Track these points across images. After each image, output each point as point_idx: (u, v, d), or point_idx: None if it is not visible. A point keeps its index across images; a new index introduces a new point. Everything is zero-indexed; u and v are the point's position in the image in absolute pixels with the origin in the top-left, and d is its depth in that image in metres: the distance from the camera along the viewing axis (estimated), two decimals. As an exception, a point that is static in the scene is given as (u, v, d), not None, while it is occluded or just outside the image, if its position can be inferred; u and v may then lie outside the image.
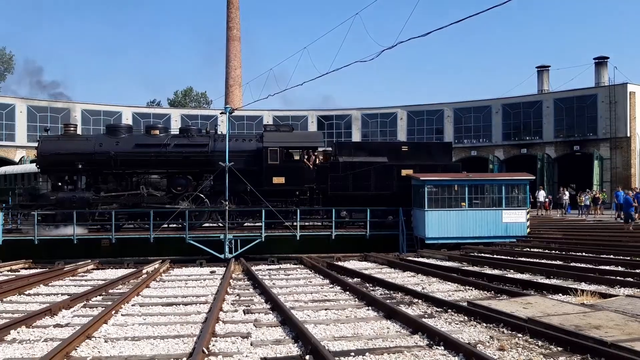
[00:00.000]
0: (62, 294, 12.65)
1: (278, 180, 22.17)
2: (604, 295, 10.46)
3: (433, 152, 23.91)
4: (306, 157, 22.80)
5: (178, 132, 23.48)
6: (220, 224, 22.21)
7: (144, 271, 16.41)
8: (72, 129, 23.69)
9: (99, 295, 12.36)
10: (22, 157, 44.07)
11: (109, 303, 10.95)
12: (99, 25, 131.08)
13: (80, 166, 22.03)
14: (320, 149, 24.08)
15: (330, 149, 25.59)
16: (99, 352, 7.69)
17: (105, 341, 8.20)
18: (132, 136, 23.45)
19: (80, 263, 18.33)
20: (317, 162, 23.16)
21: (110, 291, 13.01)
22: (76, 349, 7.71)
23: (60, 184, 22.48)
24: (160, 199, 22.35)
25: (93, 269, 17.87)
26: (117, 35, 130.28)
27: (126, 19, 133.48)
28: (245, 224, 23.11)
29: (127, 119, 48.54)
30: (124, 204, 22.20)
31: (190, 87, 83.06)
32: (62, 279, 15.35)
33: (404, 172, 22.07)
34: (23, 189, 24.85)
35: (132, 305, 11.12)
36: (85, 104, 47.58)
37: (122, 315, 10.15)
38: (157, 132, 23.20)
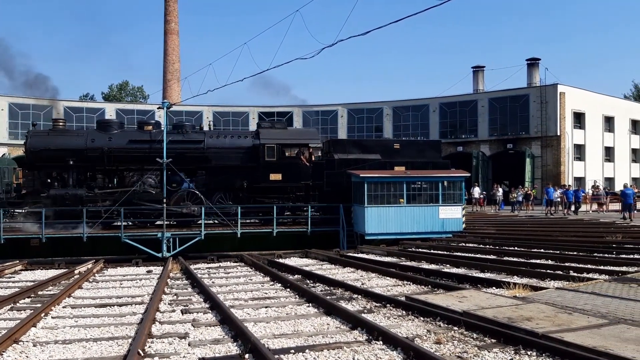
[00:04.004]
0: (-13, 297, 12.02)
1: (275, 176, 22.33)
2: (535, 288, 10.86)
3: (423, 149, 24.68)
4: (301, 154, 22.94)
5: (172, 128, 22.90)
6: (216, 221, 22.00)
7: (76, 272, 15.80)
8: (61, 123, 22.68)
9: (27, 297, 11.84)
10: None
11: (38, 305, 10.49)
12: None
13: (71, 162, 21.17)
14: (312, 146, 24.17)
15: (320, 145, 25.87)
16: (27, 356, 7.34)
17: (34, 345, 7.84)
18: (125, 132, 22.85)
19: (7, 264, 17.41)
20: (312, 158, 23.31)
21: (40, 293, 12.48)
22: (2, 354, 7.33)
23: (49, 180, 21.52)
24: (155, 195, 21.70)
25: (21, 270, 17.08)
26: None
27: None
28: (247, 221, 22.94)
29: (58, 113, 46.49)
30: (117, 201, 21.39)
31: (126, 80, 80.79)
32: (-13, 281, 14.59)
33: (396, 169, 22.46)
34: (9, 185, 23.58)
35: (63, 307, 10.70)
36: (13, 97, 45.24)
37: (52, 317, 9.74)
38: (151, 127, 22.60)
